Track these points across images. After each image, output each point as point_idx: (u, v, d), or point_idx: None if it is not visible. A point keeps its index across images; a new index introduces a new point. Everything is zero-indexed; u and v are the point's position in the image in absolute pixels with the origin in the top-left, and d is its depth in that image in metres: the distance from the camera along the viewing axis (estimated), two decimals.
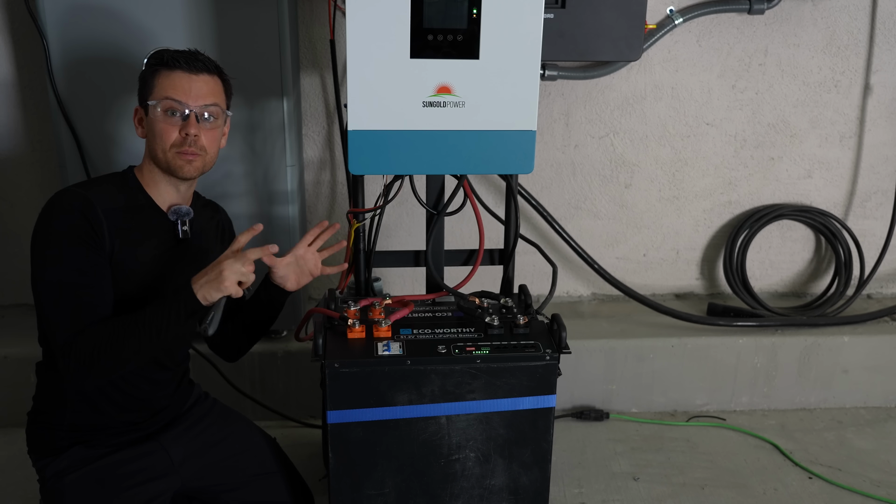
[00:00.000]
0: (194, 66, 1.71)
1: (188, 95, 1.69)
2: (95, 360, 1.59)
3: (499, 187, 2.87)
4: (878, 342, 2.88)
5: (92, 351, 1.59)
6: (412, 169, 1.87)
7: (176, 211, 1.77)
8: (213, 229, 1.92)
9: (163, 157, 1.71)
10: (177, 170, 1.72)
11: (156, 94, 1.70)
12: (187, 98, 1.69)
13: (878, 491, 2.43)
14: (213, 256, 1.89)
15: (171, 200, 1.78)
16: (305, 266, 1.91)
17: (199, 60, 1.72)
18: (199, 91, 1.71)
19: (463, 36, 1.75)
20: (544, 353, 1.77)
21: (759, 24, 2.80)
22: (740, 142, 2.95)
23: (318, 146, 2.81)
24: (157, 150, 1.71)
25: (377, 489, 1.82)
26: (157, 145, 1.71)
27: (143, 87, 1.73)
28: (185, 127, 1.70)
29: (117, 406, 1.76)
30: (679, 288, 3.16)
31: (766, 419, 2.86)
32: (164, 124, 1.69)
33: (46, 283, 1.62)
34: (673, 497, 2.40)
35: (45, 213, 1.64)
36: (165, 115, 1.69)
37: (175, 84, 1.69)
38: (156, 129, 1.70)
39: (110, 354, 1.59)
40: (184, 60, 1.70)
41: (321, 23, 2.64)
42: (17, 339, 2.58)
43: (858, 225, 3.07)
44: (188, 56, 1.71)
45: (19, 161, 2.73)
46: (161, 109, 1.69)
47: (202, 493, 1.91)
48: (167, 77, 1.69)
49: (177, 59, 1.70)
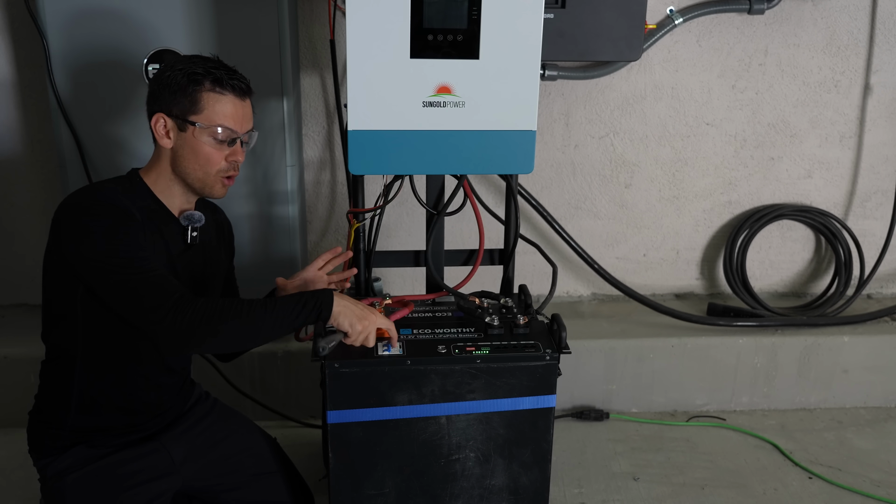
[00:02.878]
0: (244, 92, 1.71)
1: (240, 124, 1.70)
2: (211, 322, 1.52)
3: (499, 187, 2.87)
4: (878, 342, 2.88)
5: (212, 313, 1.52)
6: (412, 169, 1.87)
7: (188, 217, 1.76)
8: (215, 230, 1.92)
9: (203, 178, 1.70)
10: (215, 193, 1.74)
11: (207, 117, 1.66)
12: (239, 126, 1.70)
13: (878, 491, 2.43)
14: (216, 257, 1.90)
15: (181, 206, 1.77)
16: (312, 287, 1.94)
17: (245, 84, 1.71)
18: (247, 117, 1.73)
19: (463, 36, 1.75)
20: (544, 353, 1.77)
21: (759, 24, 2.80)
22: (740, 142, 2.96)
23: (318, 146, 2.81)
24: (195, 171, 1.70)
25: (377, 489, 1.82)
26: (197, 167, 1.69)
27: (182, 100, 1.66)
28: (234, 154, 1.70)
29: (121, 409, 1.76)
30: (679, 288, 3.16)
31: (766, 419, 2.86)
32: (212, 149, 1.68)
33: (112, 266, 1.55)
34: (673, 497, 2.40)
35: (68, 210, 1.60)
36: (215, 140, 1.68)
37: (229, 112, 1.68)
38: (201, 151, 1.68)
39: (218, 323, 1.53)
40: (233, 85, 1.68)
41: (321, 23, 2.64)
42: (17, 339, 2.58)
43: (858, 225, 3.07)
44: (233, 76, 1.69)
45: (19, 161, 2.73)
46: (211, 135, 1.67)
47: (203, 493, 1.91)
48: (219, 101, 1.67)
49: (226, 81, 1.67)
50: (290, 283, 1.94)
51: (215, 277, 1.91)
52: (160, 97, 1.68)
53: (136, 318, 1.55)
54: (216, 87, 1.67)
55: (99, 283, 1.58)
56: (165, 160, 1.72)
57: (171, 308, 1.52)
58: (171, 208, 1.76)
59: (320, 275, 1.97)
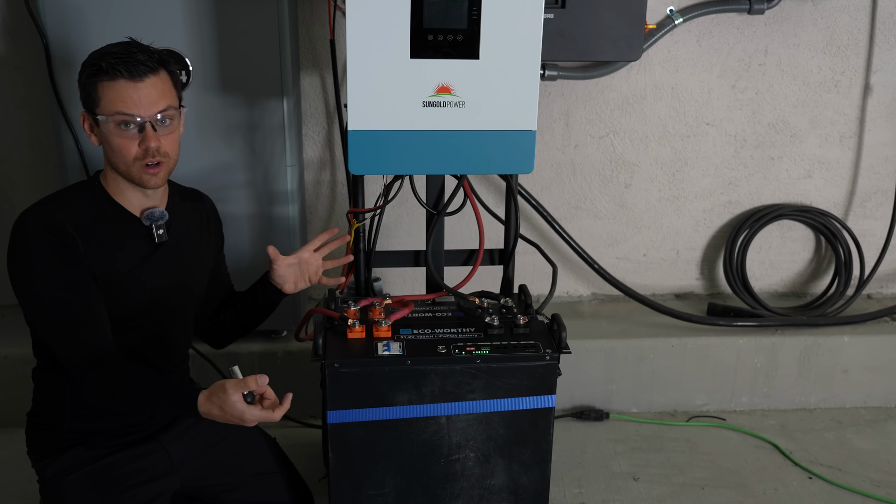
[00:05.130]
0: (137, 72, 1.57)
1: (139, 106, 1.58)
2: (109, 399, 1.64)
3: (499, 187, 2.87)
4: (878, 342, 2.88)
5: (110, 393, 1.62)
6: (412, 169, 1.87)
7: (149, 216, 1.70)
8: (198, 221, 1.87)
9: (126, 170, 1.63)
10: (144, 183, 1.65)
11: (103, 107, 1.58)
12: (138, 109, 1.58)
13: (878, 491, 2.43)
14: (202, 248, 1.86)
15: (143, 205, 1.70)
16: (307, 270, 1.91)
17: (140, 63, 1.57)
18: (149, 98, 1.59)
19: (463, 36, 1.75)
20: (544, 353, 1.77)
21: (759, 24, 2.80)
22: (740, 142, 2.95)
23: (318, 146, 2.81)
24: (118, 164, 1.63)
25: (377, 489, 1.82)
26: (117, 159, 1.62)
27: (86, 97, 1.61)
28: (144, 140, 1.60)
29: (118, 411, 1.75)
30: (679, 288, 3.16)
31: (766, 419, 2.86)
32: (120, 139, 1.59)
33: (39, 305, 1.61)
34: (673, 497, 2.40)
35: (16, 236, 1.61)
36: (119, 128, 1.59)
37: (121, 95, 1.57)
38: (112, 143, 1.60)
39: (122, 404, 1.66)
40: (124, 67, 1.56)
41: (321, 23, 2.64)
42: (17, 339, 2.57)
43: (858, 225, 3.07)
44: (127, 59, 1.57)
45: (19, 161, 2.73)
46: (113, 124, 1.58)
47: (202, 493, 1.91)
48: (111, 88, 1.57)
49: (116, 66, 1.56)
50: (284, 260, 1.87)
51: (197, 273, 1.86)
52: (81, 96, 1.64)
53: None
54: (108, 75, 1.56)
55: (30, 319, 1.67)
56: (106, 161, 1.68)
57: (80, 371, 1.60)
58: (131, 209, 1.69)
59: (316, 256, 1.91)
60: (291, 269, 1.89)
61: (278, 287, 1.89)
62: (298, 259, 1.90)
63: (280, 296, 1.92)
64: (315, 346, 1.74)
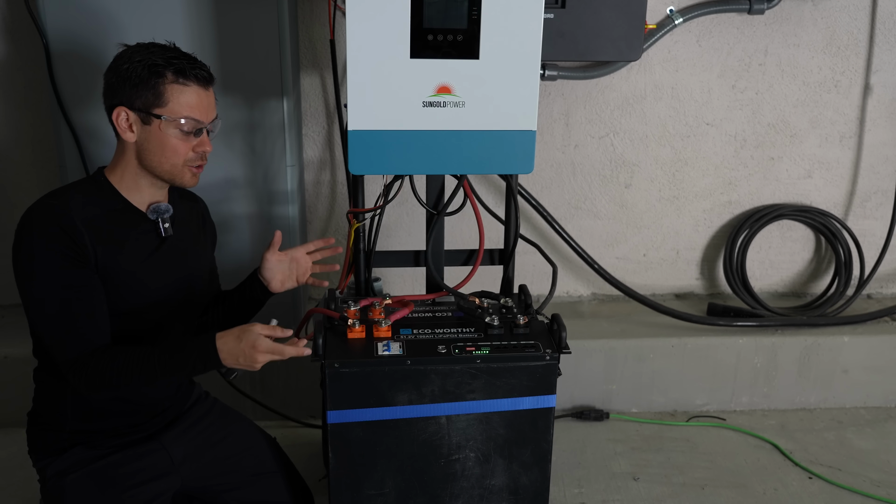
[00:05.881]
0: (207, 81, 1.67)
1: (205, 113, 1.67)
2: (105, 386, 1.62)
3: (499, 187, 2.87)
4: (878, 342, 2.88)
5: (102, 380, 1.61)
6: (412, 169, 1.87)
7: (155, 209, 1.72)
8: (195, 220, 1.89)
9: (170, 169, 1.67)
10: (186, 182, 1.71)
11: (172, 109, 1.62)
12: (204, 116, 1.67)
13: (878, 491, 2.43)
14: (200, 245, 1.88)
15: (149, 200, 1.73)
16: (296, 269, 1.94)
17: (207, 72, 1.67)
18: (211, 105, 1.69)
19: (463, 36, 1.75)
20: (544, 353, 1.77)
21: (759, 24, 2.80)
22: (740, 142, 2.95)
23: (318, 146, 2.81)
24: (163, 164, 1.66)
25: (377, 489, 1.82)
26: (164, 159, 1.66)
27: (145, 93, 1.61)
28: (201, 144, 1.68)
29: (118, 411, 1.76)
30: (679, 288, 3.16)
31: (766, 419, 2.86)
32: (178, 140, 1.65)
33: (38, 303, 1.60)
34: (673, 497, 2.40)
35: (22, 230, 1.60)
36: (182, 132, 1.64)
37: (193, 102, 1.64)
38: (168, 144, 1.64)
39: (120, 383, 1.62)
40: (196, 75, 1.64)
41: (321, 23, 2.64)
42: (17, 339, 2.57)
43: (858, 225, 3.07)
44: (196, 67, 1.65)
45: (19, 161, 2.73)
46: (178, 129, 1.64)
47: (202, 493, 1.91)
48: (183, 93, 1.62)
49: (188, 71, 1.62)
50: (274, 256, 1.90)
51: (200, 270, 1.88)
52: (119, 90, 1.63)
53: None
54: (179, 79, 1.62)
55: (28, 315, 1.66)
56: (130, 154, 1.68)
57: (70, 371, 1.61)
58: (139, 204, 1.72)
59: (307, 259, 1.95)
60: (281, 266, 1.91)
61: (265, 283, 1.91)
62: (290, 257, 1.93)
63: (266, 294, 1.93)
64: (315, 346, 1.74)
